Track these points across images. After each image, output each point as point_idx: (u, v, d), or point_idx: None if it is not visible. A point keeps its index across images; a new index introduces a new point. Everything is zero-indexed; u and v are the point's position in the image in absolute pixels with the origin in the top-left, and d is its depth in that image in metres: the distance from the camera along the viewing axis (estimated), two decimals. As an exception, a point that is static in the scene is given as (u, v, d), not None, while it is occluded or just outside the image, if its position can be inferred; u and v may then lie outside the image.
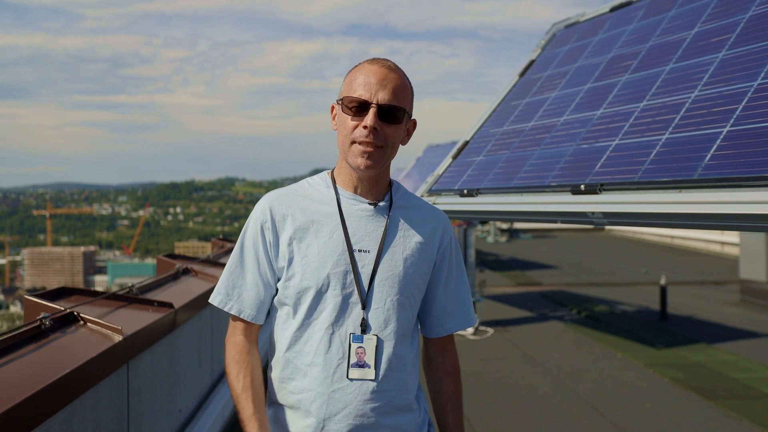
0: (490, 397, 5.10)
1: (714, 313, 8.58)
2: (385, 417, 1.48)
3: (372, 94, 1.44)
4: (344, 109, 1.47)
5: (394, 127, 1.47)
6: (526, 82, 4.32)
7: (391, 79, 1.46)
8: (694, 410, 4.81)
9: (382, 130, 1.44)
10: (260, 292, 1.53)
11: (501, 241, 20.68)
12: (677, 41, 3.01)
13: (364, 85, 1.45)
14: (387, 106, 1.44)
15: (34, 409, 1.72)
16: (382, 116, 1.44)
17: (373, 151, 1.45)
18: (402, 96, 1.47)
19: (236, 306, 1.53)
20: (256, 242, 1.52)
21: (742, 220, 1.95)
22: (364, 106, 1.44)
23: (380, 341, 1.47)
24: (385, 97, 1.44)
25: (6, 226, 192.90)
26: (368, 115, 1.43)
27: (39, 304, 2.42)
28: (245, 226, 1.56)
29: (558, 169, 2.96)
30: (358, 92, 1.45)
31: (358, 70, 1.49)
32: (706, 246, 17.37)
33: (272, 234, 1.50)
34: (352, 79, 1.48)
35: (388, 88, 1.45)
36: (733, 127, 2.22)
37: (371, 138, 1.44)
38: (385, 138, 1.46)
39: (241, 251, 1.54)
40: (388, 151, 1.48)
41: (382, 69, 1.47)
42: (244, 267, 1.53)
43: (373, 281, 1.48)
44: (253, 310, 1.53)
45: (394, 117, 1.46)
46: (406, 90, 1.50)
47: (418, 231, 1.56)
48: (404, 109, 1.48)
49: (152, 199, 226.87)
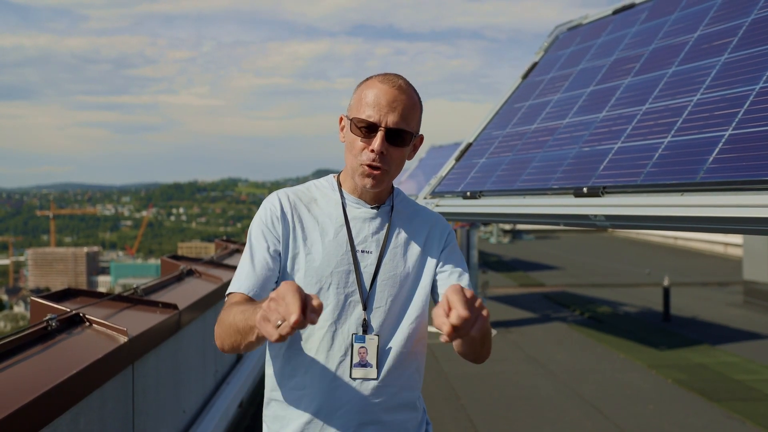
0: (493, 398, 5.10)
1: (717, 314, 8.57)
2: (386, 414, 1.49)
3: (381, 116, 1.43)
4: (353, 128, 1.47)
5: (401, 150, 1.48)
6: (529, 84, 4.32)
7: (401, 101, 1.45)
8: (697, 412, 4.81)
9: (388, 153, 1.45)
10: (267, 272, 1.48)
11: (504, 242, 20.68)
12: (680, 44, 3.02)
13: (374, 106, 1.44)
14: (395, 129, 1.44)
15: (41, 410, 1.74)
16: (389, 139, 1.44)
17: (379, 174, 1.46)
18: (411, 118, 1.47)
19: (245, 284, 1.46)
20: (265, 231, 1.51)
21: (745, 223, 1.96)
22: (372, 128, 1.44)
23: (382, 341, 1.49)
24: (394, 120, 1.44)
25: (10, 227, 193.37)
26: (376, 139, 1.43)
27: (45, 306, 2.44)
28: (253, 221, 1.55)
29: (561, 172, 2.97)
30: (367, 113, 1.44)
31: (368, 86, 1.48)
32: (710, 247, 17.34)
33: (281, 226, 1.51)
34: (362, 97, 1.47)
35: (397, 111, 1.44)
36: (735, 130, 2.23)
37: (378, 162, 1.44)
38: (390, 161, 1.46)
39: (250, 245, 1.52)
40: (393, 171, 1.50)
41: (393, 90, 1.45)
42: (254, 256, 1.50)
43: (375, 281, 1.50)
44: (256, 288, 1.46)
45: (402, 140, 1.46)
46: (416, 110, 1.49)
47: (419, 234, 1.58)
48: (412, 133, 1.48)
49: (155, 200, 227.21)
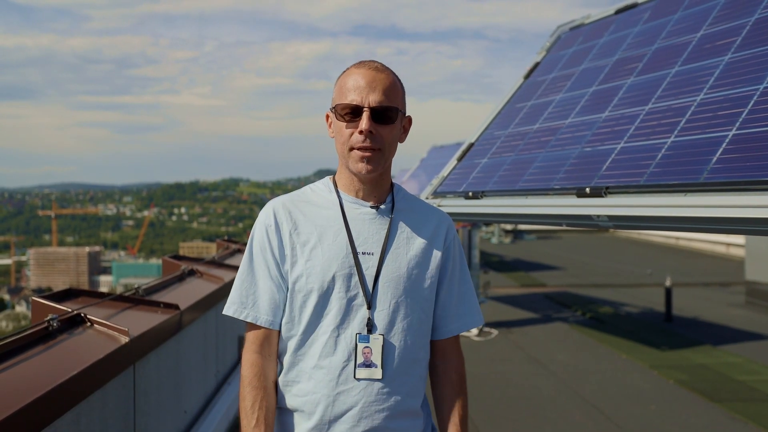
0: (494, 399, 5.09)
1: (719, 314, 8.55)
2: (390, 420, 1.46)
3: (363, 97, 1.44)
4: (338, 116, 1.47)
5: (390, 128, 1.47)
6: (531, 84, 4.31)
7: (380, 80, 1.46)
8: (699, 412, 4.80)
9: (377, 132, 1.45)
10: (274, 296, 1.50)
11: (505, 242, 20.66)
12: (683, 44, 3.01)
13: (354, 90, 1.45)
14: (379, 107, 1.44)
15: (42, 410, 1.74)
16: (375, 118, 1.44)
17: (372, 155, 1.45)
18: (393, 95, 1.47)
19: (252, 313, 1.50)
20: (263, 247, 1.52)
21: (749, 224, 1.95)
22: (356, 111, 1.44)
23: (387, 341, 1.46)
24: (377, 99, 1.44)
25: (12, 227, 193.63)
26: (362, 120, 1.43)
27: (47, 306, 2.44)
28: (252, 234, 1.56)
29: (563, 172, 2.96)
30: (350, 97, 1.44)
31: (346, 75, 1.49)
32: (712, 247, 17.31)
33: (277, 238, 1.50)
34: (342, 85, 1.48)
35: (378, 90, 1.44)
36: (738, 130, 2.22)
37: (368, 142, 1.44)
38: (381, 140, 1.46)
39: (250, 259, 1.53)
40: (386, 152, 1.49)
41: (370, 71, 1.46)
42: (255, 273, 1.52)
43: (377, 283, 1.48)
44: (269, 315, 1.50)
45: (388, 117, 1.46)
46: (397, 89, 1.49)
47: (421, 232, 1.56)
48: (397, 108, 1.48)
49: (157, 200, 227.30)
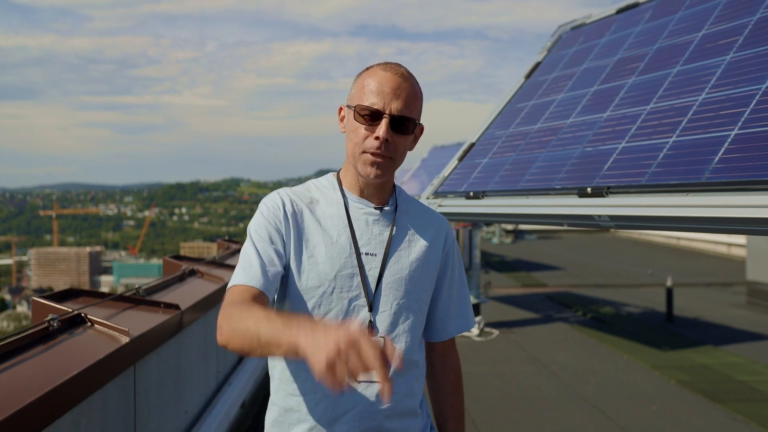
0: (495, 399, 5.08)
1: (720, 315, 8.55)
2: (389, 421, 1.46)
3: (385, 103, 1.41)
4: (356, 116, 1.44)
5: (405, 138, 1.45)
6: (532, 84, 4.31)
7: (404, 88, 1.43)
8: (700, 413, 4.79)
9: (393, 140, 1.42)
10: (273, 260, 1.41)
11: (506, 243, 20.66)
12: (684, 43, 3.00)
13: (377, 94, 1.42)
14: (399, 117, 1.42)
15: (42, 410, 1.73)
16: (394, 127, 1.42)
17: (383, 162, 1.43)
18: (414, 106, 1.45)
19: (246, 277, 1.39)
20: (269, 228, 1.45)
21: (751, 224, 1.94)
22: (376, 116, 1.42)
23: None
24: (398, 108, 1.42)
25: (13, 227, 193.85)
26: (381, 126, 1.41)
27: (47, 306, 2.43)
28: (255, 218, 1.49)
29: (564, 172, 2.95)
30: (371, 100, 1.42)
31: (370, 75, 1.46)
32: (713, 247, 17.31)
33: (284, 225, 1.46)
34: (364, 85, 1.45)
35: (401, 98, 1.42)
36: (741, 130, 2.21)
37: (383, 150, 1.42)
38: (395, 149, 1.44)
39: (252, 240, 1.45)
40: (397, 160, 1.47)
41: (396, 77, 1.44)
42: (260, 251, 1.43)
43: (380, 284, 1.47)
44: (266, 283, 1.38)
45: (406, 128, 1.44)
46: (418, 99, 1.47)
47: (422, 235, 1.55)
48: (415, 120, 1.46)
49: (158, 200, 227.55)
